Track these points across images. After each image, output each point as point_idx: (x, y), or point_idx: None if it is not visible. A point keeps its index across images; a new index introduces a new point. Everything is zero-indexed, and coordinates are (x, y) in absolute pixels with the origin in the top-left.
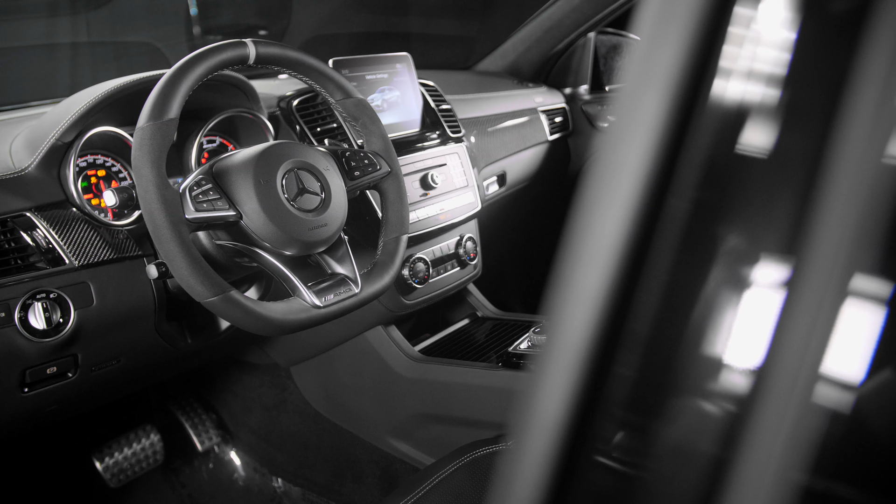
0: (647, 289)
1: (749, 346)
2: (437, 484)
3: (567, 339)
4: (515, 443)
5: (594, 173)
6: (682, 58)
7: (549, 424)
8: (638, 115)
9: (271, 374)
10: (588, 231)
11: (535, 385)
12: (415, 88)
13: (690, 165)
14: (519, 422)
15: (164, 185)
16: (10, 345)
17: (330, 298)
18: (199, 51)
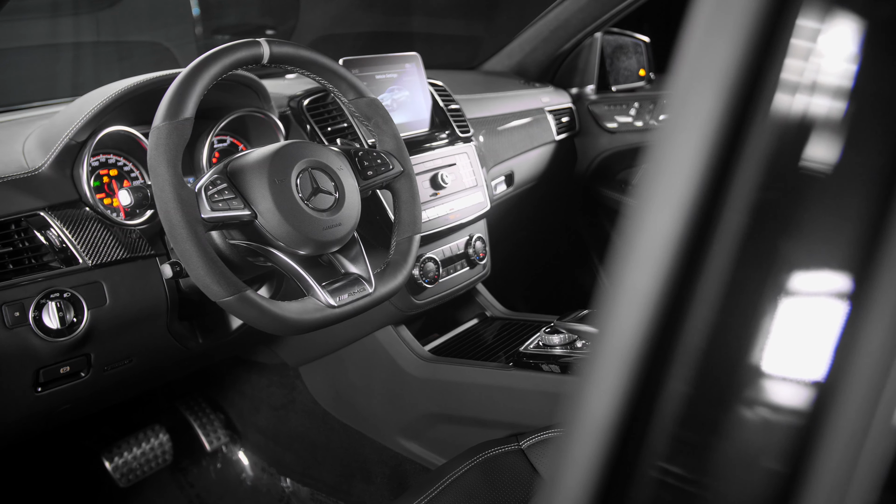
0: (702, 300)
1: (812, 362)
2: (449, 484)
3: (616, 352)
4: (562, 460)
5: (644, 180)
6: (738, 55)
7: (598, 440)
8: (691, 118)
9: (280, 373)
10: (639, 238)
11: (582, 400)
12: (424, 88)
13: (748, 171)
14: (567, 437)
15: (180, 184)
16: (25, 344)
17: (344, 298)
18: (214, 50)
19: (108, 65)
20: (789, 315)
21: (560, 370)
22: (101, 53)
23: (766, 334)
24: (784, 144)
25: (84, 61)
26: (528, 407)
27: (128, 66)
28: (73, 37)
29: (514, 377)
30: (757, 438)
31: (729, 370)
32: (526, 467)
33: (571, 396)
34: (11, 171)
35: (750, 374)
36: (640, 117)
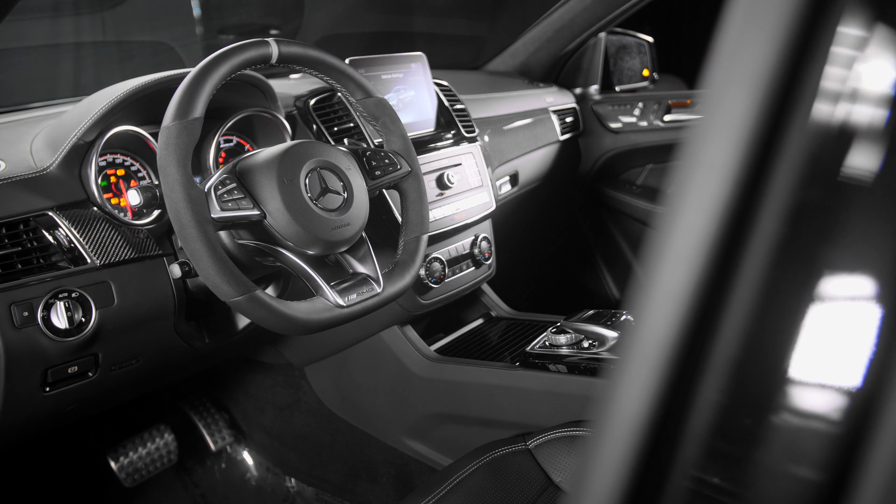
0: (736, 307)
1: (852, 369)
2: (457, 484)
3: (647, 359)
4: (589, 466)
5: (676, 182)
6: (775, 58)
7: (627, 447)
8: (725, 119)
9: (285, 373)
10: (671, 242)
11: (611, 404)
12: (429, 88)
13: (785, 175)
14: (595, 442)
15: (190, 184)
16: (33, 344)
17: (353, 298)
18: (223, 50)
19: (113, 65)
20: (827, 321)
21: (567, 370)
22: (106, 53)
23: (804, 342)
24: (823, 150)
25: (89, 61)
26: (534, 407)
27: (133, 66)
28: (78, 36)
29: (520, 377)
30: (796, 449)
31: (766, 380)
32: (533, 467)
33: (600, 400)
34: (20, 170)
35: (788, 383)
36: (644, 117)
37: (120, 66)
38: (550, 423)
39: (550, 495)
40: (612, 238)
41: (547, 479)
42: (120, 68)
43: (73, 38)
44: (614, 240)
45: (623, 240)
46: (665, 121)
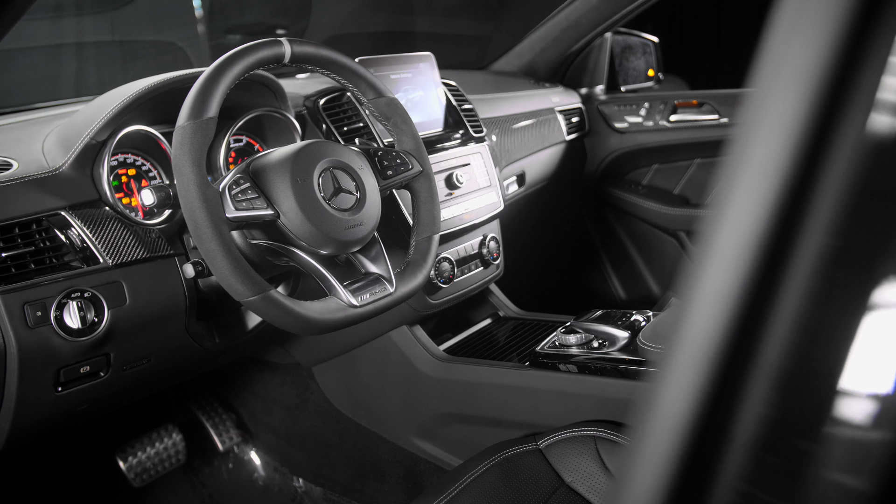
0: (785, 318)
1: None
2: (469, 483)
3: (690, 369)
4: (630, 476)
5: (723, 185)
6: (826, 59)
7: (669, 458)
8: (773, 122)
9: (293, 373)
10: (717, 244)
11: (652, 413)
12: (438, 88)
13: (835, 182)
14: (635, 450)
15: (205, 183)
16: (46, 344)
17: (366, 298)
18: (236, 49)
19: (121, 64)
20: (884, 331)
21: (577, 370)
22: (115, 53)
23: (858, 353)
24: (882, 155)
25: (98, 61)
26: (544, 407)
27: (141, 66)
28: (86, 36)
29: (530, 377)
30: (851, 464)
31: (818, 393)
32: (545, 467)
33: (639, 406)
34: (32, 170)
35: (842, 396)
36: (650, 117)
37: (128, 66)
38: (561, 423)
39: (562, 495)
40: (618, 238)
41: (558, 479)
42: (128, 68)
43: (81, 37)
44: (619, 240)
45: (628, 240)
46: (671, 121)
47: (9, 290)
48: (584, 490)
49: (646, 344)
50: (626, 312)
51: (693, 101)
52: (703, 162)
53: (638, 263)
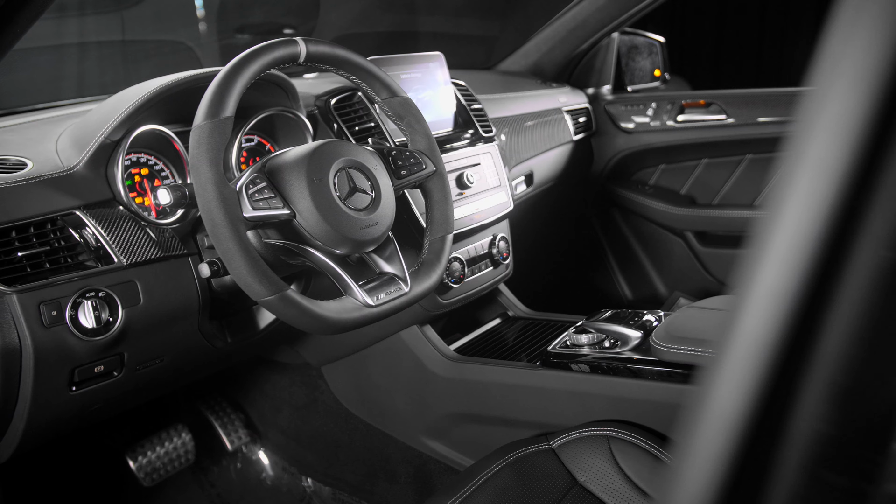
0: (844, 331)
1: None
2: (483, 483)
3: (740, 380)
4: (677, 489)
5: (779, 185)
6: (887, 54)
7: (719, 470)
8: (834, 119)
9: (302, 373)
10: (771, 247)
11: (700, 424)
12: (448, 88)
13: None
14: (681, 463)
15: (222, 183)
16: (62, 343)
17: (381, 297)
18: (253, 49)
19: (132, 64)
20: None
21: (589, 370)
22: (126, 52)
23: None
24: None
25: (111, 60)
26: (556, 407)
27: (152, 66)
28: (97, 36)
29: (542, 377)
30: None
31: (879, 411)
32: (557, 466)
33: (687, 416)
34: (47, 170)
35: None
36: (657, 117)
37: (139, 66)
38: (572, 422)
39: (575, 495)
40: (624, 238)
41: (571, 479)
42: (139, 68)
43: (91, 37)
44: (626, 240)
45: (635, 240)
46: (678, 121)
47: (24, 290)
48: (597, 490)
49: (659, 344)
50: (638, 312)
51: (700, 101)
52: (711, 162)
53: (644, 263)
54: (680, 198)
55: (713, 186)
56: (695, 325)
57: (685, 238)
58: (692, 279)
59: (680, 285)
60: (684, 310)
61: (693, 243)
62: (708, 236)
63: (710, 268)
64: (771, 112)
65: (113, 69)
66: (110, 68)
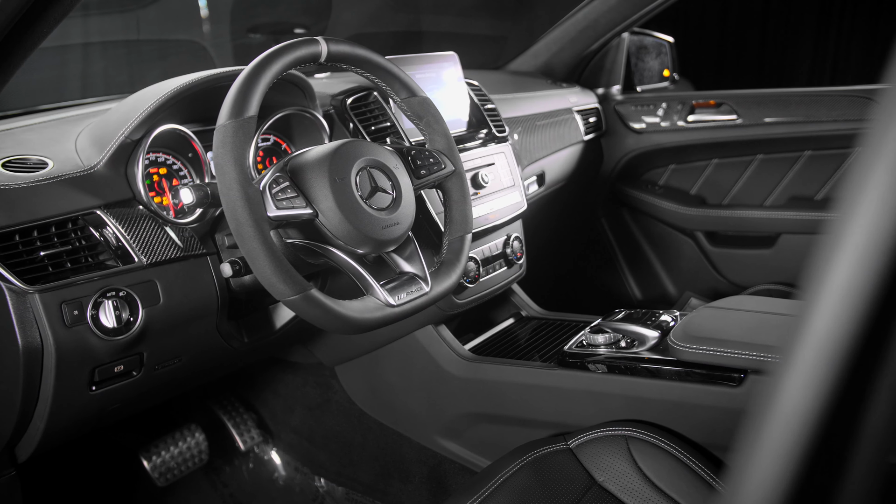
0: None
1: None
2: (502, 483)
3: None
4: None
5: (854, 184)
6: None
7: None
8: None
9: (315, 373)
10: (845, 247)
11: (768, 436)
12: (461, 88)
13: None
14: (748, 467)
15: (247, 182)
16: (83, 343)
17: (402, 297)
18: (275, 48)
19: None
20: None
21: (606, 370)
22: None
23: None
24: None
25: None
26: (573, 407)
27: (167, 65)
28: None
29: (559, 377)
30: None
31: None
32: (576, 466)
33: (753, 415)
34: (67, 169)
35: None
36: (667, 118)
37: (153, 65)
38: (589, 422)
39: (594, 494)
40: (634, 238)
41: (590, 479)
42: (153, 67)
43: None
44: (636, 240)
45: (644, 240)
46: (689, 121)
47: (47, 289)
48: (616, 490)
49: (677, 343)
50: (654, 312)
51: (711, 101)
52: (721, 162)
53: (654, 263)
54: (690, 198)
55: (723, 186)
56: (713, 325)
57: (695, 238)
58: (702, 279)
59: (690, 285)
60: (701, 310)
61: (703, 243)
62: (718, 236)
63: (720, 268)
64: (782, 112)
65: (128, 68)
66: (125, 68)
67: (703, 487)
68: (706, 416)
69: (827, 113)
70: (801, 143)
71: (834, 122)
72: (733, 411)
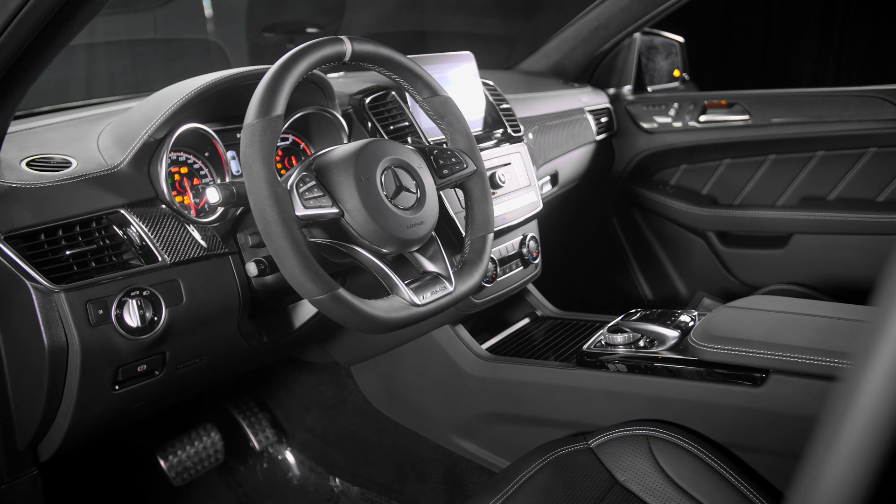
0: None
1: None
2: (524, 482)
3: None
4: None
5: None
6: None
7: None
8: None
9: (331, 373)
10: None
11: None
12: (478, 88)
13: None
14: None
15: (275, 181)
16: (108, 342)
17: (427, 296)
18: (301, 47)
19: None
20: None
21: (626, 370)
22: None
23: None
24: None
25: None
26: (592, 406)
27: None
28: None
29: (578, 376)
30: None
31: None
32: (597, 466)
33: (830, 415)
34: (91, 168)
35: None
36: (679, 118)
37: (169, 64)
38: (609, 422)
39: (616, 494)
40: (645, 238)
41: (611, 479)
42: (170, 66)
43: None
44: (646, 240)
45: (655, 240)
46: (700, 121)
47: (72, 289)
48: (637, 489)
49: (699, 343)
50: (673, 312)
51: (723, 101)
52: (733, 162)
53: (665, 263)
54: (701, 198)
55: (735, 187)
56: (734, 325)
57: (707, 238)
58: (713, 279)
59: (701, 285)
60: (721, 309)
61: (715, 243)
62: (730, 236)
63: (731, 268)
64: (794, 113)
65: (144, 67)
66: (141, 67)
67: (727, 488)
68: (727, 416)
69: (841, 113)
70: (814, 144)
71: (847, 122)
72: (755, 411)
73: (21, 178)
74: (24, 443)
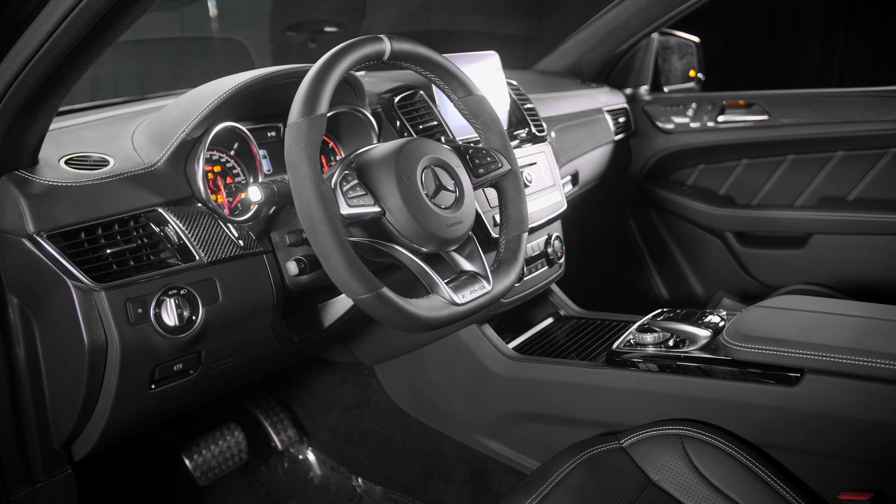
0: None
1: None
2: (558, 482)
3: None
4: None
5: None
6: None
7: None
8: None
9: (354, 372)
10: None
11: None
12: (503, 87)
13: None
14: None
15: (320, 180)
16: (146, 341)
17: (467, 295)
18: (342, 46)
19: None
20: None
21: (658, 369)
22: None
23: None
24: None
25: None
26: (622, 406)
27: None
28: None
29: (608, 376)
30: None
31: None
32: (630, 465)
33: None
34: (129, 167)
35: None
36: (697, 118)
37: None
38: (639, 422)
39: (650, 493)
40: (661, 238)
41: (645, 478)
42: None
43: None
44: (663, 240)
45: (672, 239)
46: (718, 121)
47: (112, 287)
48: (672, 489)
49: (731, 343)
50: (703, 312)
51: (741, 101)
52: (751, 162)
53: (681, 263)
54: (719, 198)
55: (753, 187)
56: (767, 325)
57: (724, 238)
58: (730, 280)
59: (718, 285)
60: (752, 309)
61: (732, 243)
62: (747, 236)
63: (749, 268)
64: (814, 113)
65: (171, 66)
66: (168, 65)
67: (763, 488)
68: (761, 416)
69: (861, 113)
70: (834, 144)
71: (868, 122)
72: (789, 411)
73: (61, 177)
74: (59, 441)
